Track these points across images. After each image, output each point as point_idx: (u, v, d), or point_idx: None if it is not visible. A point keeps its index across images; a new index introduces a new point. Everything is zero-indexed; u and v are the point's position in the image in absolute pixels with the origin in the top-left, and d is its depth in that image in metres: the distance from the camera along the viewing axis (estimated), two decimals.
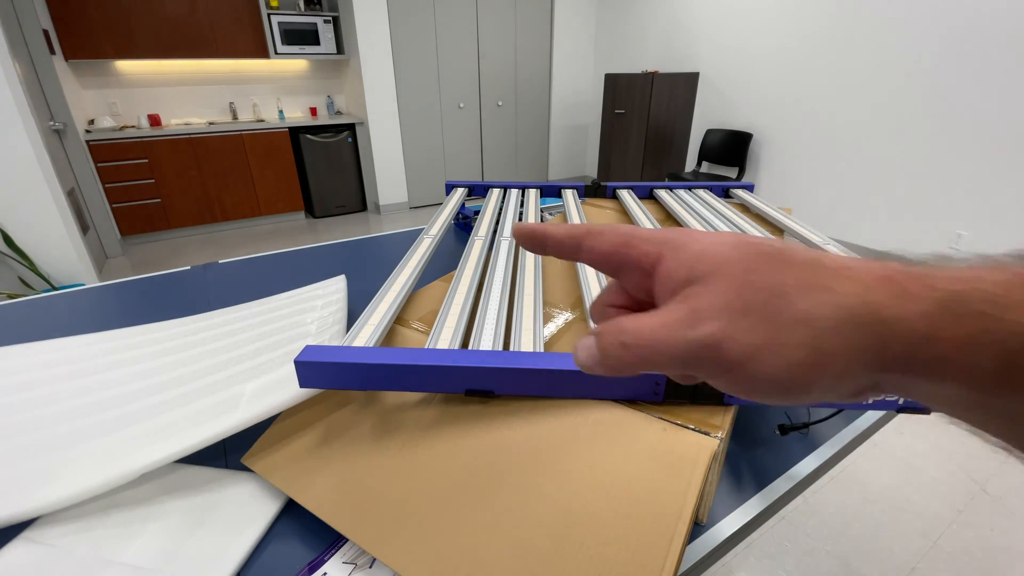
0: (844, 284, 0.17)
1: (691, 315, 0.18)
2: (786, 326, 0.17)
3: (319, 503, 0.40)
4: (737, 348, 0.17)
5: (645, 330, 0.19)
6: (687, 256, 0.20)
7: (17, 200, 2.23)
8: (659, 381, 0.42)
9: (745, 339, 0.17)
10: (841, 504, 1.45)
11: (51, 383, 0.56)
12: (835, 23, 3.03)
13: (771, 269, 0.18)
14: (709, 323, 0.18)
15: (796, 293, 0.17)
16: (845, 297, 0.17)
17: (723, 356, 0.18)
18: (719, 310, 0.18)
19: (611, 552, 0.33)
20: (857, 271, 0.17)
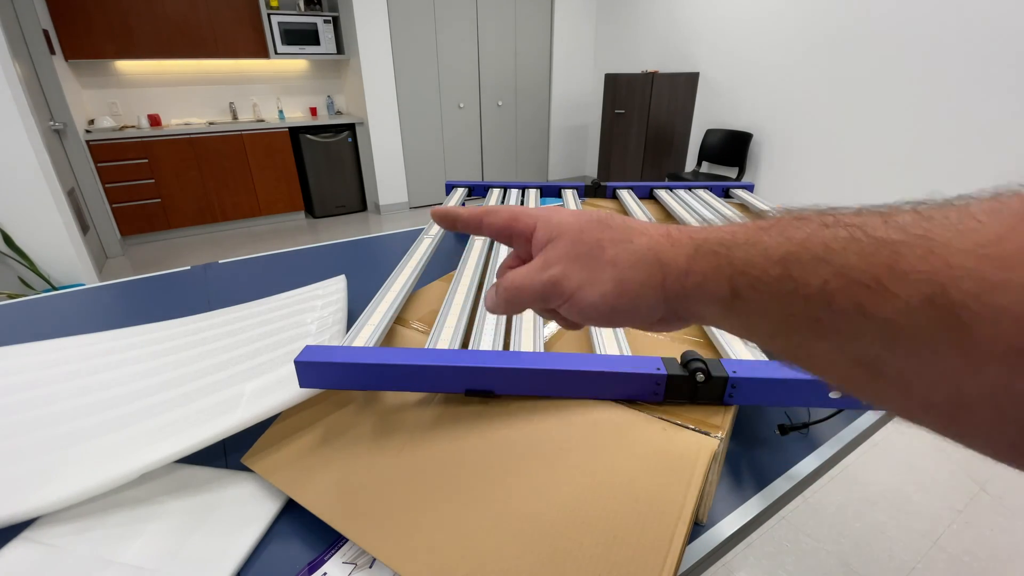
0: (640, 238, 0.25)
1: (543, 264, 0.27)
2: (600, 267, 0.25)
3: (319, 503, 0.40)
4: (570, 284, 0.26)
5: (516, 277, 0.28)
6: (549, 225, 0.28)
7: (17, 200, 2.23)
8: (659, 381, 0.42)
9: (575, 276, 0.26)
10: (841, 504, 1.45)
11: (51, 383, 0.56)
12: (835, 23, 3.03)
13: (595, 229, 0.26)
14: (553, 268, 0.26)
15: (608, 245, 0.25)
16: (638, 246, 0.25)
17: (561, 289, 0.26)
18: (559, 259, 0.26)
19: (611, 552, 0.33)
20: (650, 231, 0.26)
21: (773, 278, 0.20)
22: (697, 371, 0.41)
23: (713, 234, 0.23)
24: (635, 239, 0.25)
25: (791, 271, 0.19)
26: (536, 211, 0.29)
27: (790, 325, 0.20)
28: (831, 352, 0.19)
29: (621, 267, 0.25)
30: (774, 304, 0.20)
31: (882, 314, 0.17)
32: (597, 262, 0.25)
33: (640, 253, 0.25)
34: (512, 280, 0.28)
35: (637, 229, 0.26)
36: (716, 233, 0.23)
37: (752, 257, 0.21)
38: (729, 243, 0.22)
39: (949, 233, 0.16)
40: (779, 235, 0.20)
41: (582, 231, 0.26)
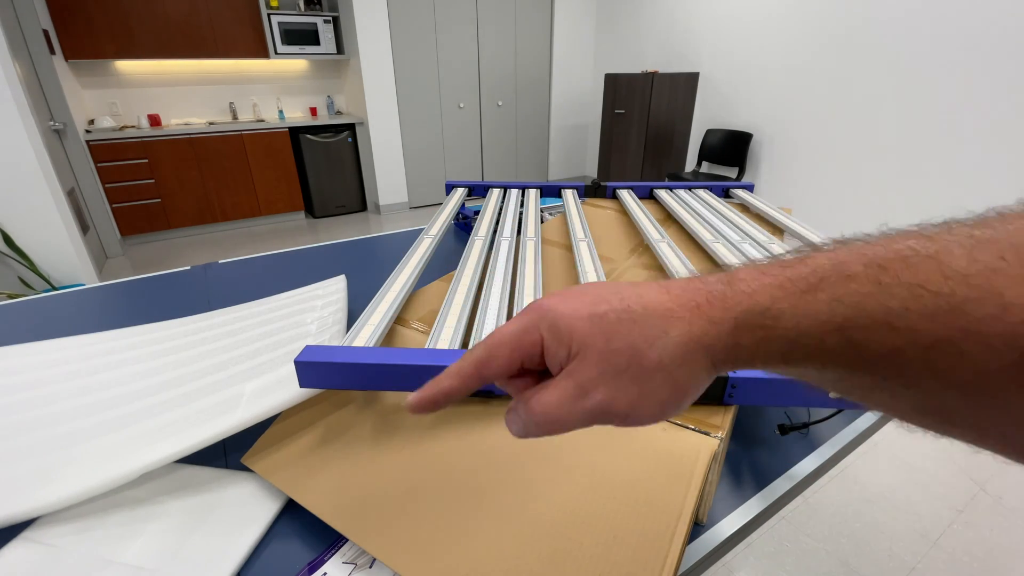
0: (674, 327, 0.22)
1: (579, 389, 0.23)
2: (648, 376, 0.23)
3: (319, 503, 0.40)
4: (621, 405, 0.23)
5: (550, 408, 0.24)
6: (560, 335, 0.24)
7: (17, 200, 2.23)
8: None
9: (625, 397, 0.23)
10: (841, 504, 1.45)
11: (51, 383, 0.56)
12: (835, 23, 3.03)
13: (624, 332, 0.23)
14: (594, 393, 0.23)
15: (646, 347, 0.22)
16: (678, 339, 0.22)
17: (614, 412, 0.23)
18: (598, 380, 0.23)
19: (611, 552, 0.33)
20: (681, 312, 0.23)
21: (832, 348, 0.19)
22: None
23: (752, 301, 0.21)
24: (670, 330, 0.22)
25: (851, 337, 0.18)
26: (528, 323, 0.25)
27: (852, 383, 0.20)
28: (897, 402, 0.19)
29: (669, 369, 0.22)
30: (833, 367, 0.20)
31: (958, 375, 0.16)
32: (643, 372, 0.22)
33: (683, 346, 0.22)
34: (546, 411, 0.24)
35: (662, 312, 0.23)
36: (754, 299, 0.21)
37: (804, 327, 0.20)
38: (774, 314, 0.20)
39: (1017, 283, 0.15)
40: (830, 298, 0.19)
41: (609, 340, 0.23)
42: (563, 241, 0.87)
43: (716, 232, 0.85)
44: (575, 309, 0.24)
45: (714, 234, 0.84)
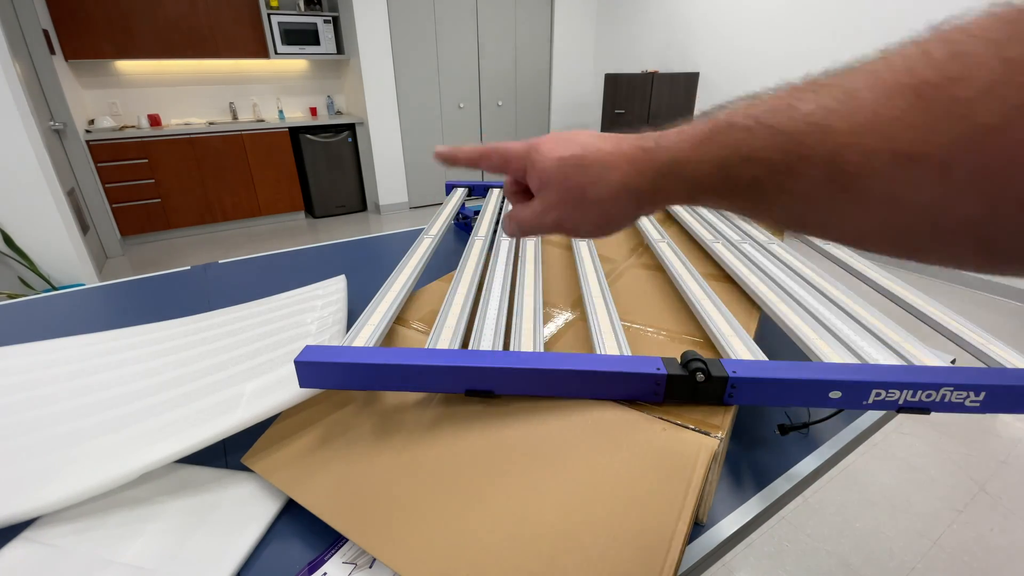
0: (613, 174, 0.32)
1: (543, 209, 0.35)
2: (587, 207, 0.33)
3: (319, 503, 0.40)
4: (568, 223, 0.35)
5: (524, 218, 0.37)
6: (537, 171, 0.35)
7: (17, 200, 2.23)
8: (659, 381, 0.42)
9: (570, 217, 0.35)
10: (841, 504, 1.45)
11: (51, 383, 0.56)
12: (835, 23, 3.03)
13: (575, 174, 0.33)
14: (551, 212, 0.35)
15: (589, 187, 0.33)
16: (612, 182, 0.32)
17: (563, 227, 0.36)
18: (554, 205, 0.35)
19: (611, 552, 0.33)
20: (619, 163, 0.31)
21: (718, 180, 0.27)
22: (697, 371, 0.41)
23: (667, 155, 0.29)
24: (609, 176, 0.32)
25: (729, 173, 0.26)
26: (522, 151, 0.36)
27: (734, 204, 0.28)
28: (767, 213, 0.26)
29: (603, 203, 0.33)
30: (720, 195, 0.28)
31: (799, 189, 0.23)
32: (585, 204, 0.33)
33: (615, 188, 0.32)
34: (522, 219, 0.37)
35: (607, 163, 0.32)
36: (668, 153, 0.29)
37: (700, 170, 0.28)
38: (680, 162, 0.29)
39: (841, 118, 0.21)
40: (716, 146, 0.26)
41: (566, 177, 0.33)
42: (563, 241, 0.87)
43: (716, 232, 0.85)
44: (551, 152, 0.34)
45: (714, 234, 0.84)
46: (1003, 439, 1.69)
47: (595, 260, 0.72)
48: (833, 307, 0.59)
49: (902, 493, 1.48)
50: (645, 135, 0.32)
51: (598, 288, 0.62)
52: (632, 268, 0.75)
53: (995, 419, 1.78)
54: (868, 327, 0.54)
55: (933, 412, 0.41)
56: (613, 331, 0.52)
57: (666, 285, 0.69)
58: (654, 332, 0.57)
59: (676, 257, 0.73)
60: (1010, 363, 0.48)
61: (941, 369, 0.42)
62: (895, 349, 0.49)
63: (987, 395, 0.40)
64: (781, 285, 0.65)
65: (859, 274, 0.70)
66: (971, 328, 0.55)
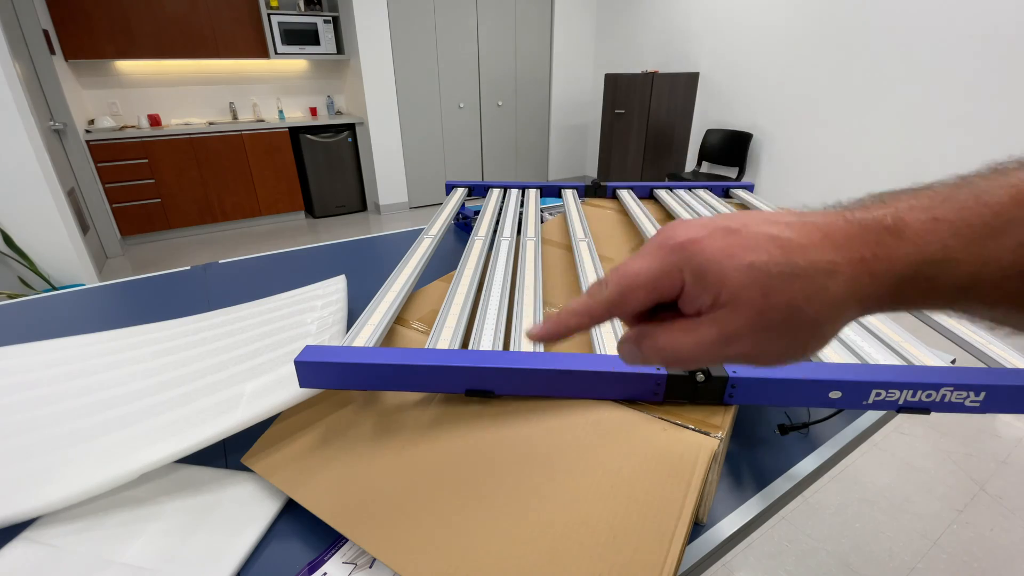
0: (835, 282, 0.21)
1: (723, 338, 0.22)
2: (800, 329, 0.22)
3: (319, 503, 0.40)
4: (768, 358, 0.23)
5: (683, 349, 0.23)
6: (707, 282, 0.22)
7: (17, 200, 2.23)
8: (659, 381, 0.42)
9: (773, 350, 0.22)
10: (841, 504, 1.45)
11: (51, 383, 0.56)
12: (835, 23, 3.03)
13: (783, 288, 0.21)
14: (739, 344, 0.22)
15: (805, 304, 0.21)
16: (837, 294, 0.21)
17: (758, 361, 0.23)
18: (747, 333, 0.22)
19: (611, 552, 0.33)
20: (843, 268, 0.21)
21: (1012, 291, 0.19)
22: (697, 371, 0.41)
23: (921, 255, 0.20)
24: (831, 285, 0.21)
25: None
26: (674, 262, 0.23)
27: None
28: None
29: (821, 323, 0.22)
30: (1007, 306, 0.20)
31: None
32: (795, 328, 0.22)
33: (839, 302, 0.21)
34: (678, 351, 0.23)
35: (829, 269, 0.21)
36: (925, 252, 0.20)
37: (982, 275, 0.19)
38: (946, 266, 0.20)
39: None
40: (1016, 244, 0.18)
41: (767, 295, 0.21)
42: (563, 241, 0.87)
43: None
44: (728, 253, 0.22)
45: None
46: (1003, 439, 1.69)
47: (595, 260, 0.72)
48: None
49: (902, 493, 1.48)
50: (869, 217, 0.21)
51: None
52: None
53: (995, 419, 1.78)
54: (868, 327, 0.54)
55: (933, 412, 0.42)
56: (613, 331, 0.52)
57: None
58: None
59: None
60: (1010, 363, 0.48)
61: (941, 369, 0.42)
62: (895, 349, 0.50)
63: (987, 395, 0.40)
64: None
65: None
66: (971, 328, 0.55)
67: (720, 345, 0.22)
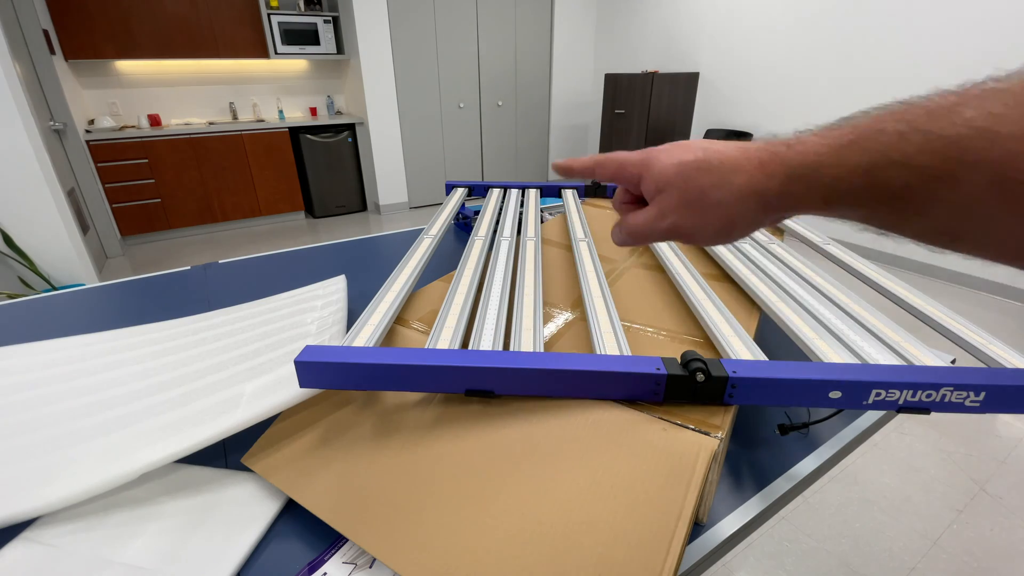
0: (738, 177, 0.29)
1: (659, 213, 0.33)
2: (709, 209, 0.31)
3: (319, 503, 0.40)
4: (687, 227, 0.32)
5: (638, 223, 0.34)
6: (654, 175, 0.33)
7: (17, 200, 2.23)
8: (659, 381, 0.42)
9: (690, 221, 0.32)
10: (841, 504, 1.45)
11: (51, 383, 0.56)
12: (836, 23, 3.03)
13: (698, 176, 0.31)
14: (669, 217, 0.33)
15: (711, 190, 0.30)
16: (738, 185, 0.30)
17: (680, 233, 0.33)
18: (673, 208, 0.32)
19: (611, 552, 0.33)
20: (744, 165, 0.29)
21: (860, 186, 0.25)
22: (697, 371, 0.41)
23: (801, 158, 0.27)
24: (734, 179, 0.29)
25: (876, 178, 0.24)
26: (639, 159, 0.34)
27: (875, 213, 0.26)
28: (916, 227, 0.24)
29: (726, 206, 0.30)
30: (862, 204, 0.26)
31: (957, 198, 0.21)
32: (706, 206, 0.31)
33: (740, 191, 0.29)
34: (635, 225, 0.34)
35: (732, 166, 0.30)
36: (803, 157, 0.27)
37: (840, 174, 0.26)
38: (816, 165, 0.27)
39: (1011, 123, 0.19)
40: (861, 151, 0.25)
41: (687, 180, 0.31)
42: (563, 241, 0.87)
43: None
44: (670, 157, 0.32)
45: None
46: (1003, 439, 1.69)
47: (595, 260, 0.72)
48: (833, 307, 0.59)
49: (902, 493, 1.48)
50: (774, 140, 0.30)
51: (598, 288, 0.62)
52: (632, 268, 0.75)
53: (995, 419, 1.78)
54: (868, 327, 0.54)
55: (933, 412, 0.41)
56: (613, 331, 0.52)
57: (666, 285, 0.69)
58: (654, 332, 0.57)
59: (676, 257, 0.73)
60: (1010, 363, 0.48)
61: (941, 369, 0.42)
62: (895, 349, 0.49)
63: (987, 395, 0.40)
64: (781, 285, 0.65)
65: (859, 274, 0.70)
66: (971, 328, 0.55)
67: (658, 218, 0.33)
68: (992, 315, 2.49)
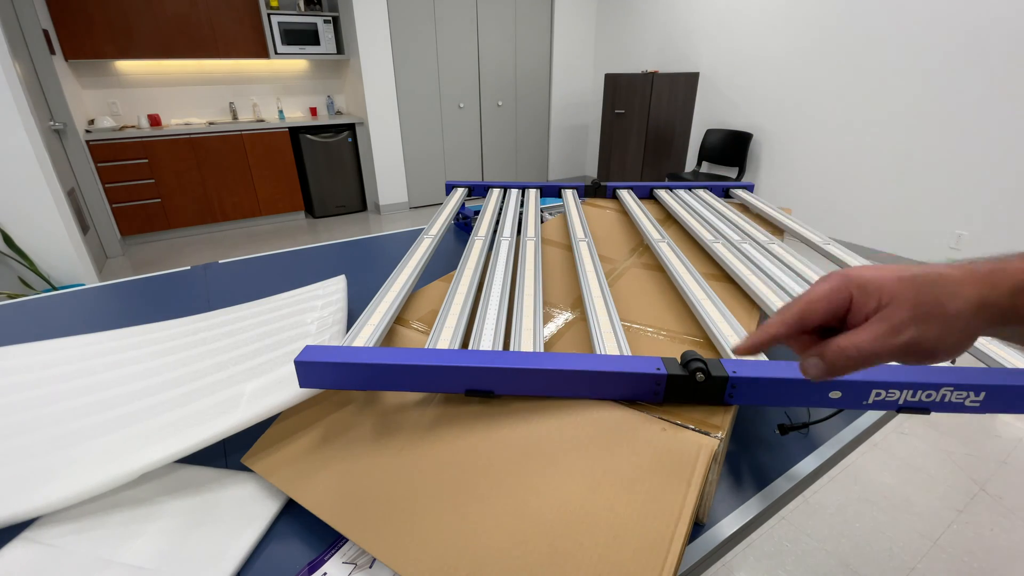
0: (967, 289, 0.29)
1: (892, 329, 0.29)
2: (951, 321, 0.29)
3: (319, 503, 0.40)
4: (929, 341, 0.29)
5: (864, 344, 0.30)
6: (870, 292, 0.30)
7: (17, 200, 2.23)
8: (659, 381, 0.42)
9: (930, 335, 0.29)
10: (841, 504, 1.45)
11: (51, 383, 0.56)
12: (835, 23, 3.03)
13: (928, 289, 0.29)
14: (906, 332, 0.29)
15: (949, 300, 0.29)
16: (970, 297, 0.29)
17: (921, 348, 0.29)
18: (909, 322, 0.29)
19: (611, 552, 0.33)
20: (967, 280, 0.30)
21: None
22: (697, 371, 0.41)
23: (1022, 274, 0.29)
24: (962, 291, 0.29)
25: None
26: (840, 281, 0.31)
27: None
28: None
29: (964, 318, 0.29)
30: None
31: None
32: (947, 318, 0.29)
33: (973, 302, 0.29)
34: (859, 347, 0.30)
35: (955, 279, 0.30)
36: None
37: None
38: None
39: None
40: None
41: (918, 292, 0.30)
42: (563, 241, 0.87)
43: (716, 232, 0.85)
44: (882, 274, 0.31)
45: (714, 234, 0.84)
46: (1003, 439, 1.69)
47: (595, 260, 0.72)
48: None
49: (902, 493, 1.48)
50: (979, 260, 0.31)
51: (598, 288, 0.62)
52: (632, 268, 0.75)
53: (995, 419, 1.78)
54: None
55: (933, 412, 0.42)
56: (613, 331, 0.52)
57: (666, 285, 0.69)
58: (654, 332, 0.57)
59: (676, 257, 0.73)
60: (1010, 363, 0.48)
61: (941, 369, 0.42)
62: None
63: (987, 395, 0.40)
64: (781, 285, 0.65)
65: None
66: None
67: (891, 334, 0.29)
68: None
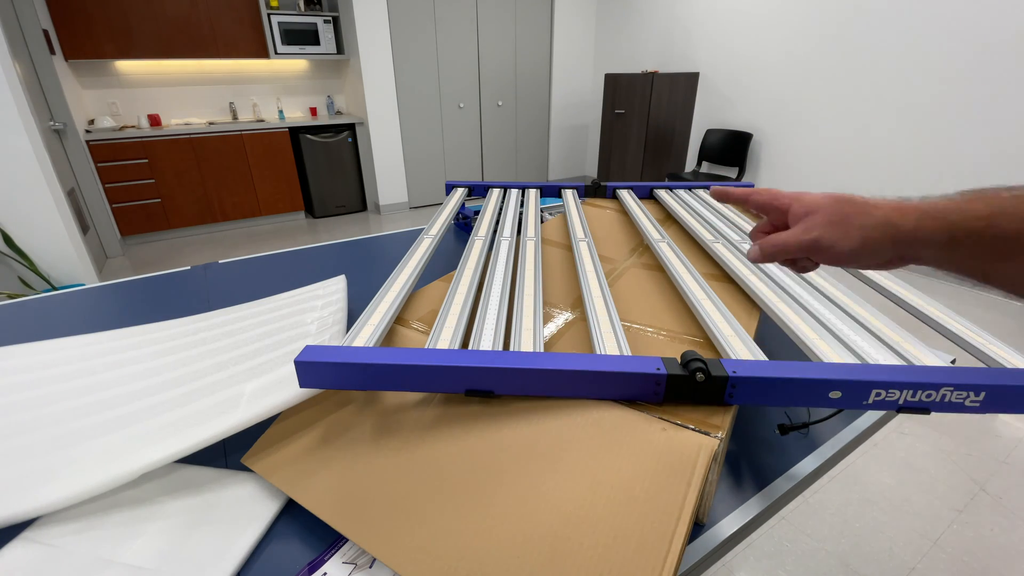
0: (876, 210, 0.37)
1: (805, 228, 0.39)
2: (850, 229, 0.37)
3: (319, 503, 0.40)
4: (827, 240, 0.38)
5: (782, 237, 0.40)
6: (805, 202, 0.40)
7: (17, 200, 2.23)
8: (659, 381, 0.42)
9: (831, 235, 0.38)
10: (841, 504, 1.45)
11: (51, 383, 0.56)
12: (836, 23, 3.03)
13: (844, 205, 0.38)
14: (815, 231, 0.39)
15: (855, 215, 0.37)
16: (876, 215, 0.37)
17: (820, 244, 0.38)
18: (819, 225, 0.38)
19: (611, 552, 0.33)
20: (883, 205, 0.37)
21: (980, 228, 0.33)
22: (697, 371, 0.41)
23: (932, 205, 0.35)
24: (873, 211, 0.37)
25: (994, 224, 0.32)
26: (790, 193, 0.42)
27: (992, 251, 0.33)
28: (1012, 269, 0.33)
29: (865, 229, 0.37)
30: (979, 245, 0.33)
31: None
32: (848, 227, 0.37)
33: (878, 219, 0.36)
34: (778, 239, 0.40)
35: (873, 203, 0.37)
36: (933, 205, 0.35)
37: (964, 218, 0.33)
38: (945, 210, 0.34)
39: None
40: (984, 203, 0.33)
41: (834, 204, 0.38)
42: (563, 241, 0.87)
43: (716, 232, 0.85)
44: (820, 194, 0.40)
45: (714, 234, 0.84)
46: (1003, 439, 1.69)
47: (595, 260, 0.72)
48: (833, 307, 0.59)
49: (902, 493, 1.48)
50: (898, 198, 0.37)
51: (598, 288, 0.62)
52: (632, 268, 0.75)
53: (995, 419, 1.78)
54: (868, 327, 0.54)
55: (933, 412, 0.42)
56: (613, 331, 0.52)
57: (666, 285, 0.69)
58: (654, 332, 0.57)
59: (676, 257, 0.73)
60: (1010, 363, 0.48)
61: (941, 369, 0.42)
62: (895, 349, 0.49)
63: (987, 395, 0.40)
64: (781, 285, 0.65)
65: (859, 274, 0.70)
66: (971, 328, 0.55)
67: (802, 233, 0.39)
68: (992, 315, 2.49)
